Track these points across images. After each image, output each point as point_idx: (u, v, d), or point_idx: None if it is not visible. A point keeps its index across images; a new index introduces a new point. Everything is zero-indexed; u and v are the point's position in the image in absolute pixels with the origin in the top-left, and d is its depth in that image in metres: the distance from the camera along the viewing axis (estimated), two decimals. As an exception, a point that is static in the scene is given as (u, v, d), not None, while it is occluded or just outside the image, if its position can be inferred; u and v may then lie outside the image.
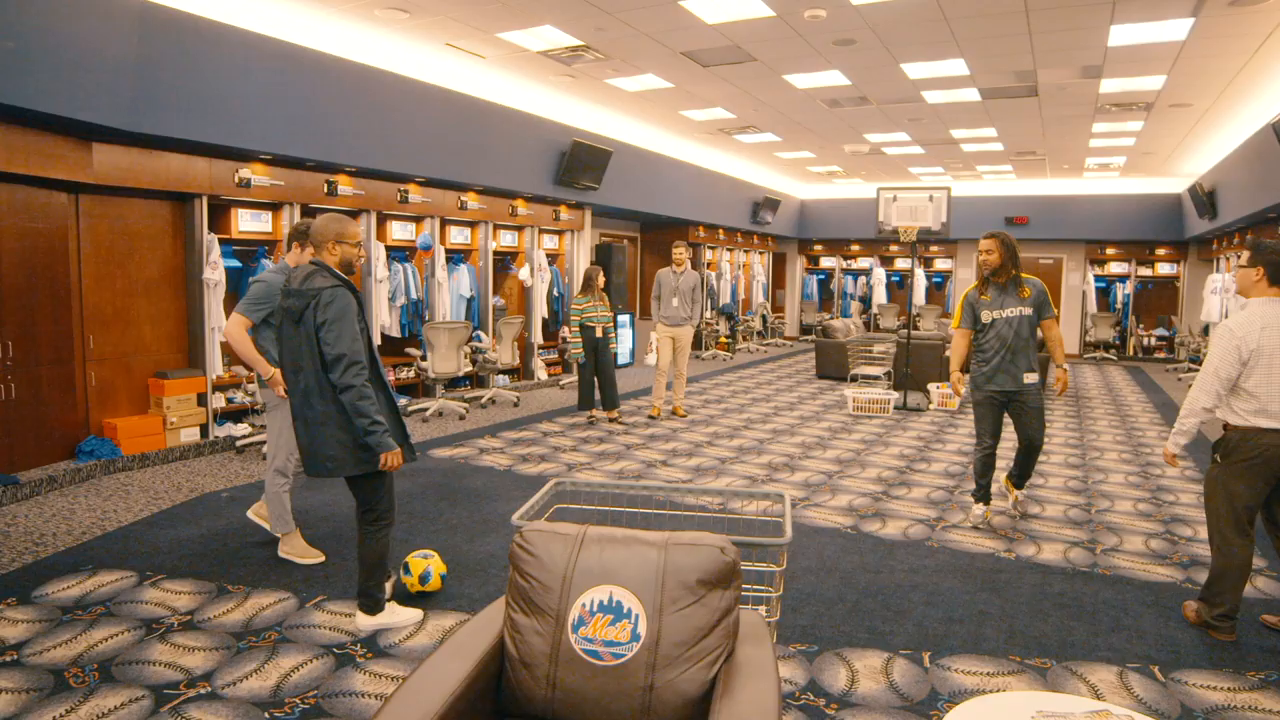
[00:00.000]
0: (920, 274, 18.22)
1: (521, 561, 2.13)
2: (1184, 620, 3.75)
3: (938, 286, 18.76)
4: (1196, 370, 13.28)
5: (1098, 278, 16.76)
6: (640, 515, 2.90)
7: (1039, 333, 5.06)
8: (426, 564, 3.93)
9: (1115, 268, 16.62)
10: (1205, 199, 12.35)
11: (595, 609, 2.04)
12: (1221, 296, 13.04)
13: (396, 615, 3.61)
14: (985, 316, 5.01)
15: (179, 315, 6.95)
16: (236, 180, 7.00)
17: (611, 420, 8.24)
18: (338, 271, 3.39)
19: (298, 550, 4.38)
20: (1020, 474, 5.33)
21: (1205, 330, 13.96)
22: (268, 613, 3.70)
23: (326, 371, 3.27)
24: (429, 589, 3.91)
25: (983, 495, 5.18)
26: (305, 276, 3.34)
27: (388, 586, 3.84)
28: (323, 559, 4.38)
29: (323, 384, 3.30)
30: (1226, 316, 12.63)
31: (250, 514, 4.69)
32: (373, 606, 3.54)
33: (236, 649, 3.34)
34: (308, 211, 7.93)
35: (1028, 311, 4.92)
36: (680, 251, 8.52)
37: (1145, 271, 16.36)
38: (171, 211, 6.87)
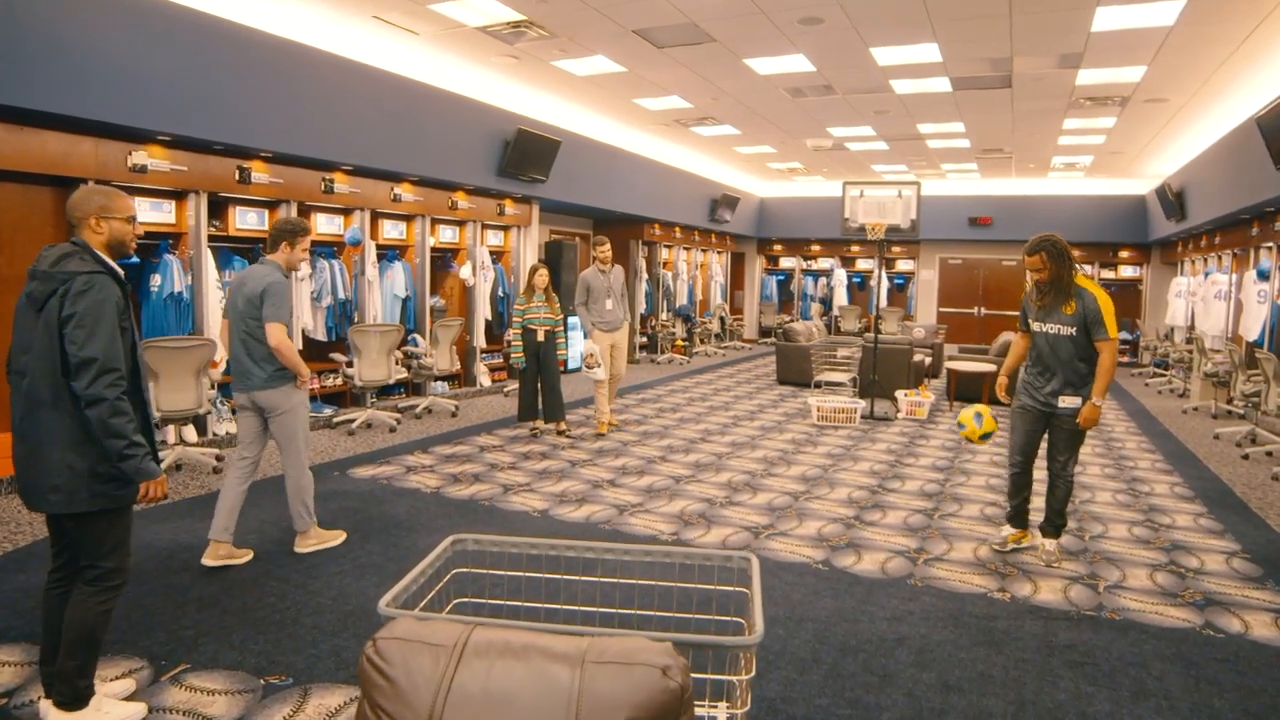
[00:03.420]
0: (882, 276, 17.80)
1: (373, 686, 1.44)
2: (1217, 682, 3.18)
3: (899, 288, 18.36)
4: (1162, 374, 12.98)
5: (1061, 280, 16.44)
6: (563, 584, 2.23)
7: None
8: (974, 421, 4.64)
9: (1084, 270, 16.31)
10: (1174, 200, 12.03)
11: (476, 764, 1.36)
12: (1187, 300, 12.75)
13: (105, 716, 2.72)
14: (1035, 326, 4.44)
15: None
16: (130, 165, 6.16)
17: (559, 433, 7.54)
18: (101, 255, 2.70)
19: (318, 538, 4.46)
20: (1047, 514, 4.58)
21: (1169, 334, 13.70)
22: (110, 687, 2.94)
23: (68, 378, 2.56)
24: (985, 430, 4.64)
25: (1012, 517, 4.68)
26: (58, 258, 2.62)
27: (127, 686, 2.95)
28: (344, 536, 4.61)
29: (57, 393, 2.58)
30: (1192, 320, 12.39)
31: (209, 559, 4.22)
32: (72, 697, 2.66)
33: (49, 749, 2.60)
34: (216, 201, 7.12)
35: (1068, 331, 4.26)
36: (605, 248, 7.70)
37: (1108, 274, 16.10)
38: (53, 199, 6.02)
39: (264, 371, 4.17)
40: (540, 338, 7.37)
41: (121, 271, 2.75)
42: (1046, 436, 4.51)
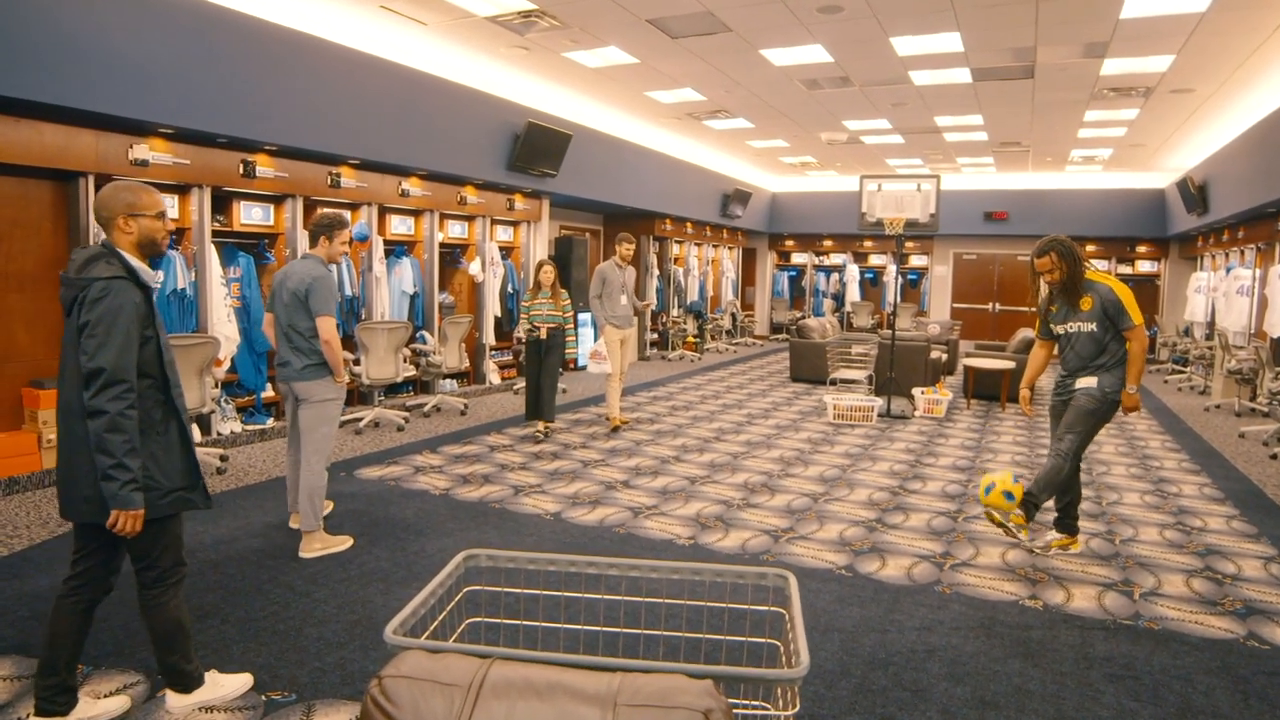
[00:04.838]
0: (896, 271, 17.63)
1: (377, 730, 1.29)
2: (1268, 699, 3.01)
3: (912, 284, 18.16)
4: (1181, 371, 12.76)
5: (1077, 275, 16.22)
6: (585, 603, 2.07)
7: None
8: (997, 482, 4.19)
9: (1095, 265, 16.06)
10: (1196, 193, 11.79)
11: (493, 820, 1.21)
12: (1207, 295, 12.52)
13: (220, 688, 2.87)
14: (1056, 329, 4.44)
15: (61, 315, 5.97)
16: (131, 158, 6.03)
17: (545, 431, 7.30)
18: (128, 257, 2.59)
19: (323, 543, 4.35)
20: (1057, 507, 4.54)
21: (1187, 331, 13.46)
22: (105, 704, 2.81)
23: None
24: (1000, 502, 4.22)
25: (1057, 521, 4.61)
26: (85, 262, 2.53)
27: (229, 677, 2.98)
28: (351, 542, 4.47)
29: (84, 402, 2.48)
30: (1212, 315, 12.16)
31: (294, 523, 4.64)
32: (186, 682, 2.80)
33: (41, 769, 2.46)
34: (220, 195, 7.00)
35: (1088, 327, 4.27)
36: (629, 246, 7.57)
37: (1125, 269, 15.86)
38: (52, 193, 5.89)
39: (300, 362, 4.31)
40: (543, 335, 7.21)
41: (152, 274, 2.64)
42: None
